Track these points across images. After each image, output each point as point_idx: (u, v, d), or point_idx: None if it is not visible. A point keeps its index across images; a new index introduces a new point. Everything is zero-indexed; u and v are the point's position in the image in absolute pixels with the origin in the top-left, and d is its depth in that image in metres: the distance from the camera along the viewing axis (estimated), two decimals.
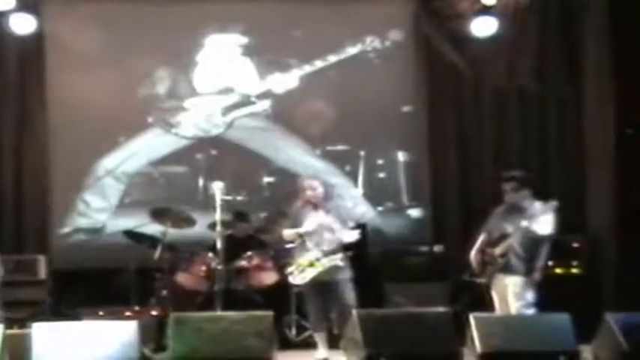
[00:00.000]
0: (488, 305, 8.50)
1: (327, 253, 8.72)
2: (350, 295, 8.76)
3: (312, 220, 8.85)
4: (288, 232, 8.95)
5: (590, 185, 10.67)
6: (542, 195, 8.58)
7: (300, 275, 8.79)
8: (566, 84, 10.87)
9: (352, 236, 8.78)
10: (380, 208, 11.09)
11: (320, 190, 8.98)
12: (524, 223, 8.21)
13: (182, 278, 9.68)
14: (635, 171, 10.30)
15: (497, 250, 8.35)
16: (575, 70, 10.81)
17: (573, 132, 10.88)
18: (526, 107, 10.98)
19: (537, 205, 8.36)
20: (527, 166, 10.30)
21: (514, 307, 8.30)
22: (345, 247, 8.80)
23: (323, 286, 8.79)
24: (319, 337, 8.90)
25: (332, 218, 8.87)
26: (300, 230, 8.83)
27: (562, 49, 10.86)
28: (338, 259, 8.71)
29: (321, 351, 8.86)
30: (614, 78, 10.39)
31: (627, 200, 10.28)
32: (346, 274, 8.81)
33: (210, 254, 9.54)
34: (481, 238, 8.56)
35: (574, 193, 10.63)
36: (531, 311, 8.26)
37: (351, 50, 11.04)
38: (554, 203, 8.25)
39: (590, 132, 10.70)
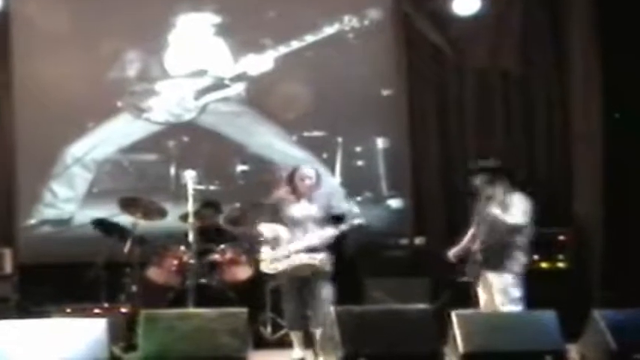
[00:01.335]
0: (472, 302, 8.29)
1: (307, 250, 8.44)
2: (327, 291, 8.51)
3: (296, 211, 8.56)
4: (265, 227, 8.64)
5: (577, 174, 10.44)
6: (527, 184, 8.36)
7: (272, 265, 8.52)
8: (551, 66, 10.64)
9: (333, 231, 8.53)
10: (358, 199, 10.83)
11: (314, 180, 8.68)
12: (495, 211, 7.98)
13: (153, 273, 9.50)
14: (624, 159, 10.10)
15: (475, 246, 8.16)
16: (560, 52, 10.58)
17: (559, 116, 10.65)
18: (510, 90, 10.72)
19: (515, 197, 8.10)
20: (513, 153, 10.13)
21: (500, 304, 8.08)
22: (328, 247, 8.55)
23: (300, 282, 8.54)
24: (295, 336, 8.66)
25: (315, 207, 8.59)
26: (279, 227, 8.53)
27: (547, 29, 10.62)
28: (317, 260, 8.43)
29: (298, 350, 8.63)
30: (601, 60, 10.18)
31: (615, 189, 10.08)
32: (324, 269, 8.52)
33: (182, 247, 9.33)
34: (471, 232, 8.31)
35: (560, 183, 10.46)
36: (519, 307, 8.06)
37: (328, 30, 10.78)
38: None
39: (576, 116, 10.48)
